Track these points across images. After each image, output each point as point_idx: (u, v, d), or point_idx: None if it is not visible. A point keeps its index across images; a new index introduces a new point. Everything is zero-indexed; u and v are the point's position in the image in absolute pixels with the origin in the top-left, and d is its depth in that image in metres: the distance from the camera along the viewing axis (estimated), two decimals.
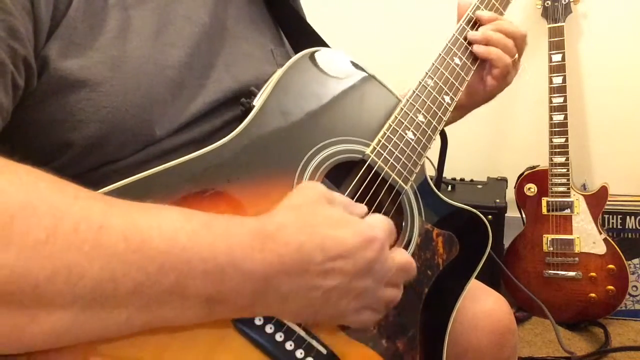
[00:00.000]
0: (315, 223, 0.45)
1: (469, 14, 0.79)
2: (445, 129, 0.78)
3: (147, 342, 0.42)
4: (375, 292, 0.49)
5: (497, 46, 0.77)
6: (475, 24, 0.79)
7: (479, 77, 0.80)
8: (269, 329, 0.48)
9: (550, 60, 1.65)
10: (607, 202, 1.63)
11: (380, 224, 0.50)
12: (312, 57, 0.63)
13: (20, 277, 0.33)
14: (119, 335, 0.39)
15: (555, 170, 1.65)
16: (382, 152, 0.62)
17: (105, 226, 0.37)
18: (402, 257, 0.52)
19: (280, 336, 0.49)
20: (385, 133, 0.63)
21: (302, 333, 0.50)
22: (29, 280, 0.34)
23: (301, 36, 0.73)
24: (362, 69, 0.66)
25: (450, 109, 0.71)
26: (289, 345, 0.49)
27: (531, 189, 1.69)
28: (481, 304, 0.76)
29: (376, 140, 0.62)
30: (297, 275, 0.43)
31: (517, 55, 0.80)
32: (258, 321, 0.48)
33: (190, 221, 0.41)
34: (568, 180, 1.64)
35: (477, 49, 0.77)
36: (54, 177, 0.39)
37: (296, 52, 0.63)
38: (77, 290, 0.35)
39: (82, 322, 0.36)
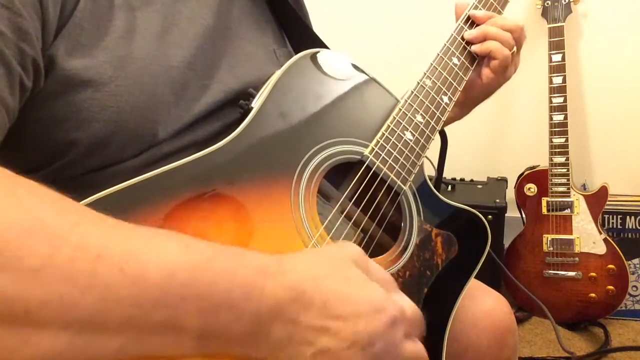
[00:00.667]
0: (326, 276, 0.42)
1: (467, 13, 0.79)
2: (445, 129, 0.78)
3: None
4: None
5: (495, 39, 0.76)
6: (474, 23, 0.79)
7: (476, 72, 0.79)
8: None
9: (550, 60, 1.65)
10: (607, 202, 1.63)
11: (404, 302, 0.45)
12: (310, 58, 0.63)
13: (12, 301, 0.33)
14: None
15: (555, 170, 1.65)
16: (380, 152, 0.62)
17: (102, 256, 0.36)
18: (419, 348, 0.45)
19: None
20: (383, 134, 0.63)
21: None
22: (21, 306, 0.33)
23: (302, 38, 0.74)
24: (361, 70, 0.67)
25: (449, 109, 0.71)
26: None
27: (531, 189, 1.69)
28: (481, 304, 0.76)
29: (374, 141, 0.63)
30: (292, 324, 0.40)
31: (515, 48, 0.79)
32: None
33: (192, 255, 0.39)
34: (568, 180, 1.64)
35: (475, 47, 0.76)
36: (56, 197, 0.38)
37: (297, 53, 0.63)
38: (69, 319, 0.35)
39: (76, 347, 0.36)
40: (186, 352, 0.40)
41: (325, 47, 0.72)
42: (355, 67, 0.66)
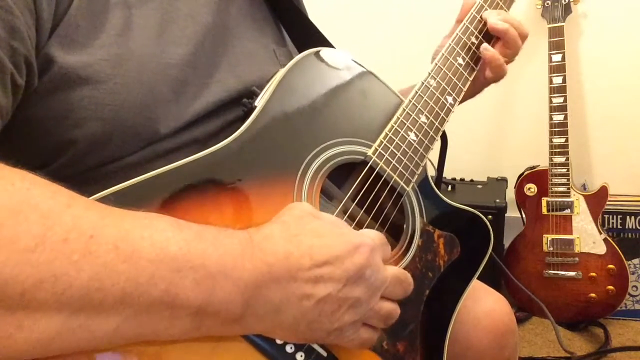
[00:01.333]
0: (301, 233, 0.45)
1: (472, 13, 0.78)
2: (445, 129, 0.77)
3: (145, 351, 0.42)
4: (371, 303, 0.48)
5: (513, 26, 0.77)
6: (480, 23, 0.78)
7: (481, 70, 0.79)
8: None
9: (550, 60, 1.65)
10: (607, 202, 1.63)
11: (369, 233, 0.50)
12: (314, 57, 0.62)
13: (7, 283, 0.33)
14: (109, 345, 0.38)
15: (555, 170, 1.65)
16: (383, 153, 0.62)
17: (95, 236, 0.36)
18: (397, 268, 0.51)
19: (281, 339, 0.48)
20: (387, 134, 0.63)
21: None
22: (16, 287, 0.33)
23: (306, 36, 0.73)
24: (365, 69, 0.66)
25: (453, 109, 0.71)
26: (289, 348, 0.49)
27: (531, 189, 1.69)
28: (482, 304, 0.76)
29: (378, 142, 0.62)
30: (287, 282, 0.43)
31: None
32: None
33: (182, 231, 0.41)
34: (568, 180, 1.64)
35: (493, 22, 0.77)
36: (48, 183, 0.38)
37: (300, 52, 0.63)
38: (64, 299, 0.35)
39: (70, 330, 0.36)
40: (183, 332, 0.40)
41: (330, 44, 0.72)
42: (359, 66, 0.66)
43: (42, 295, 0.34)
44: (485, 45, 0.77)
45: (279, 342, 0.48)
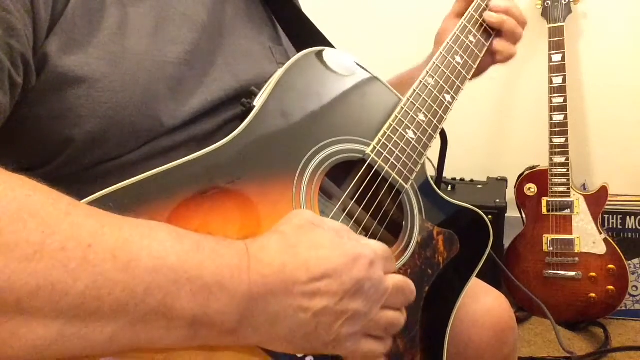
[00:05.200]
0: (298, 244, 0.45)
1: (470, 12, 0.79)
2: (445, 129, 0.78)
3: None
4: (370, 315, 0.47)
5: (513, 17, 0.80)
6: (477, 23, 0.79)
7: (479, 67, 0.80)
8: None
9: (550, 60, 1.65)
10: (607, 202, 1.63)
11: (371, 244, 0.49)
12: (312, 56, 0.62)
13: (3, 290, 0.33)
14: (104, 353, 0.38)
15: (555, 170, 1.65)
16: (382, 151, 0.62)
17: (93, 244, 0.36)
18: (398, 277, 0.50)
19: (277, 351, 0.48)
20: (385, 132, 0.63)
21: None
22: (12, 294, 0.34)
23: (304, 34, 0.73)
24: (363, 68, 0.66)
25: (451, 107, 0.71)
26: None
27: (531, 189, 1.69)
28: (481, 302, 0.76)
29: (376, 140, 0.62)
30: (283, 295, 0.43)
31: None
32: None
33: (182, 242, 0.41)
34: (568, 180, 1.64)
35: (490, 16, 0.79)
36: (48, 190, 0.38)
37: (298, 51, 0.63)
38: (61, 307, 0.35)
39: (66, 338, 0.36)
40: (178, 342, 0.40)
41: (329, 43, 0.72)
42: (358, 65, 0.66)
43: (39, 303, 0.34)
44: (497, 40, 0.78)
45: None
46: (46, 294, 0.34)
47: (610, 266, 1.62)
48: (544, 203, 1.67)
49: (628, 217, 1.68)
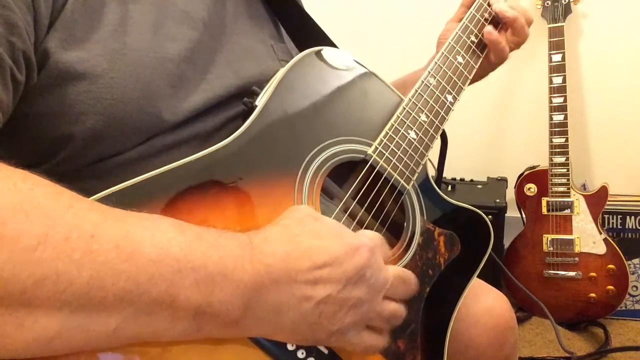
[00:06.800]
0: (299, 234, 0.45)
1: (472, 12, 0.79)
2: (445, 129, 0.78)
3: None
4: (372, 304, 0.48)
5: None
6: (479, 23, 0.79)
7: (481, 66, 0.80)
8: None
9: (550, 60, 1.65)
10: (607, 202, 1.63)
11: (368, 233, 0.50)
12: (314, 56, 0.62)
13: (8, 281, 0.33)
14: (108, 345, 0.39)
15: (555, 170, 1.65)
16: (384, 151, 0.62)
17: (97, 235, 0.37)
18: (399, 268, 0.51)
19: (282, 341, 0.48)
20: (387, 133, 0.63)
21: None
22: (17, 285, 0.34)
23: (306, 33, 0.73)
24: (365, 68, 0.66)
25: (453, 108, 0.71)
26: (290, 346, 0.49)
27: (531, 189, 1.69)
28: (482, 302, 0.76)
29: (378, 140, 0.62)
30: (286, 284, 0.43)
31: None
32: None
33: (184, 232, 0.41)
34: (568, 180, 1.64)
35: (505, 12, 0.80)
36: (51, 184, 0.39)
37: (301, 50, 0.63)
38: (65, 297, 0.35)
39: (70, 330, 0.36)
40: (182, 334, 0.40)
41: (331, 42, 0.72)
42: (360, 65, 0.66)
43: (43, 294, 0.34)
44: (488, 29, 0.78)
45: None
46: (50, 284, 0.34)
47: (610, 266, 1.62)
48: (544, 203, 1.67)
49: (628, 217, 1.68)
